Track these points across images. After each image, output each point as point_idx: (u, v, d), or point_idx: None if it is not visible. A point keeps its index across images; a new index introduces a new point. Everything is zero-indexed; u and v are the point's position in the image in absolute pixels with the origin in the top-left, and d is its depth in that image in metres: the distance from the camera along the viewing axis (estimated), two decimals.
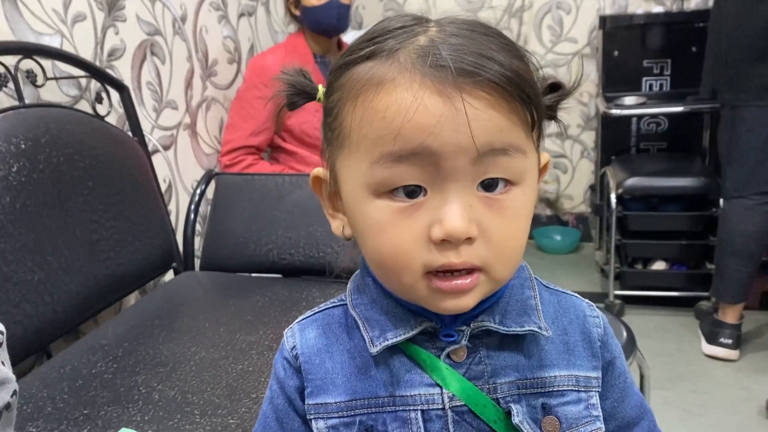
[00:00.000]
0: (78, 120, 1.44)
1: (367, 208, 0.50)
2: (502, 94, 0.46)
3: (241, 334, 1.29)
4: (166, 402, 1.07)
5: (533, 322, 0.55)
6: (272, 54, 2.15)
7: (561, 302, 0.59)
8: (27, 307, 1.17)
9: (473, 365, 0.54)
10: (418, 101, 0.46)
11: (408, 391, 0.54)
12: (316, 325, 0.59)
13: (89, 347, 1.27)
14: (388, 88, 0.47)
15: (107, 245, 1.40)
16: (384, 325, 0.54)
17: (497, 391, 0.54)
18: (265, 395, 0.62)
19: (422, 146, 0.46)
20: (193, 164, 2.06)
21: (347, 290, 0.59)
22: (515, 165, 0.48)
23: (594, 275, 2.88)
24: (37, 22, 1.43)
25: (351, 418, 0.55)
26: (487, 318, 0.54)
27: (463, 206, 0.47)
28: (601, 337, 0.59)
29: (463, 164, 0.47)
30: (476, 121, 0.45)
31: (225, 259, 1.70)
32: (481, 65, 0.46)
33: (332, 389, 0.56)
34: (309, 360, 0.57)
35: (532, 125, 0.49)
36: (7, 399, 0.66)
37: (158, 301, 1.49)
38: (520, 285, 0.57)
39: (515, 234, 0.50)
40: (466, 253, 0.48)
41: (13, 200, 1.18)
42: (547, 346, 0.56)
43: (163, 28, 1.87)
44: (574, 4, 2.99)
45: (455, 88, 0.45)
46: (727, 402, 1.95)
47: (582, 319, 0.59)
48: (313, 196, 0.60)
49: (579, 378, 0.56)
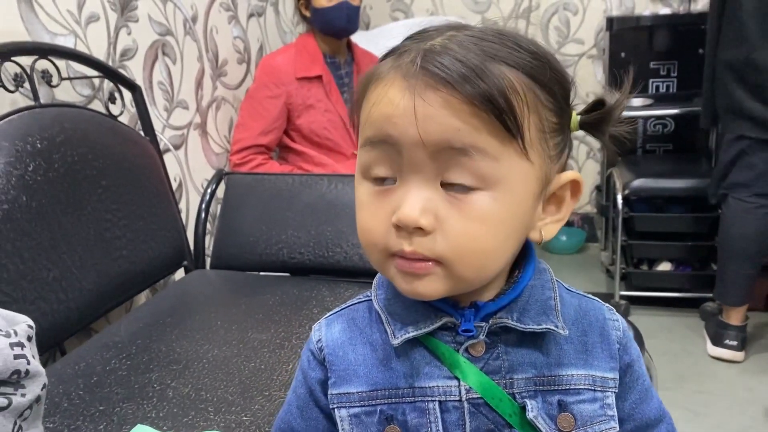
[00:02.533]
0: (92, 120, 1.46)
1: (358, 188, 0.55)
2: (464, 99, 0.48)
3: (252, 333, 1.31)
4: (180, 399, 1.09)
5: (551, 321, 0.57)
6: (282, 54, 2.16)
7: (582, 305, 0.61)
8: (42, 304, 1.19)
9: (491, 360, 0.56)
10: (388, 94, 0.50)
11: (427, 382, 0.56)
12: (342, 320, 0.62)
13: (103, 344, 1.28)
14: (379, 83, 0.52)
15: (120, 243, 1.42)
16: (405, 319, 0.57)
17: (513, 386, 0.56)
18: (291, 385, 0.65)
19: (386, 134, 0.50)
20: (203, 163, 2.07)
21: (372, 286, 0.62)
22: (479, 168, 0.49)
23: (599, 276, 2.89)
24: (51, 22, 1.45)
25: (372, 408, 0.57)
26: (505, 315, 0.56)
27: (419, 197, 0.50)
28: (620, 340, 0.60)
29: (422, 158, 0.50)
30: (430, 118, 0.48)
31: (235, 258, 1.71)
32: (453, 71, 0.48)
33: (355, 380, 0.58)
34: (333, 352, 0.60)
35: (513, 135, 0.49)
36: (38, 392, 0.69)
37: (170, 299, 1.51)
38: (541, 286, 0.59)
39: (476, 235, 0.50)
40: (417, 243, 0.50)
41: (29, 199, 1.20)
42: (565, 346, 0.58)
43: (174, 28, 1.89)
44: (581, 5, 3.00)
45: (419, 87, 0.49)
46: (731, 402, 1.96)
47: (602, 322, 0.61)
48: (323, 195, 0.64)
49: (596, 378, 0.58)
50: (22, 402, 0.67)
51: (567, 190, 0.57)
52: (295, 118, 2.13)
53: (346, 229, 1.63)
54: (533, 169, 0.52)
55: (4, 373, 0.65)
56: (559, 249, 3.16)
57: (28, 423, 0.69)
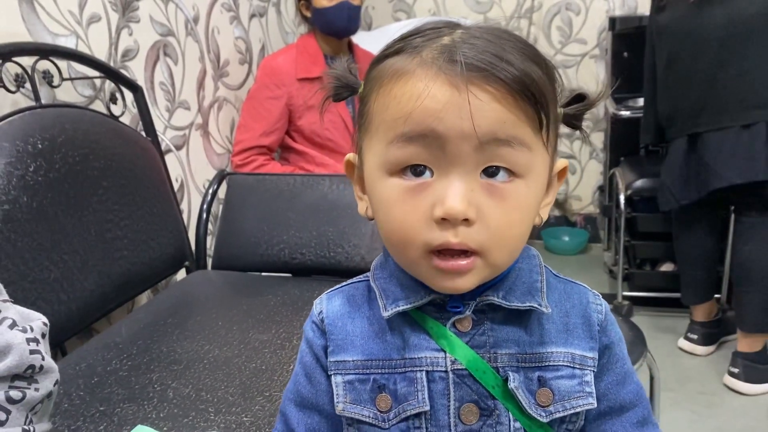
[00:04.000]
0: (93, 120, 1.46)
1: (382, 185, 0.55)
2: (509, 91, 0.50)
3: (253, 333, 1.31)
4: (180, 400, 1.08)
5: (535, 300, 0.59)
6: (283, 55, 2.16)
7: (567, 289, 0.64)
8: (43, 305, 1.19)
9: (477, 335, 0.59)
10: (429, 89, 0.51)
11: (416, 354, 0.59)
12: (342, 296, 0.65)
13: (103, 345, 1.28)
14: (406, 79, 0.52)
15: (121, 244, 1.42)
16: (398, 295, 0.60)
17: (497, 360, 0.59)
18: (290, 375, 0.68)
19: (429, 129, 0.51)
20: (204, 164, 2.07)
21: (371, 266, 0.65)
22: (519, 158, 0.52)
23: (602, 276, 2.89)
24: (53, 23, 1.45)
25: (366, 376, 0.61)
26: (492, 294, 0.59)
27: (464, 189, 0.51)
28: (601, 323, 0.63)
29: (467, 150, 0.51)
30: (480, 111, 0.50)
31: (237, 258, 1.71)
32: (493, 64, 0.50)
33: (351, 349, 0.62)
34: (333, 323, 0.63)
35: (540, 125, 0.52)
36: (50, 387, 0.71)
37: (171, 300, 1.51)
38: (529, 270, 0.61)
39: (513, 222, 0.53)
40: (463, 235, 0.52)
41: (30, 199, 1.20)
42: (547, 325, 0.61)
43: (175, 28, 1.89)
44: (584, 5, 2.99)
45: (463, 81, 0.50)
46: (735, 404, 1.95)
47: (585, 305, 0.63)
48: (325, 196, 0.65)
49: (575, 356, 0.61)
50: (35, 396, 0.69)
51: (556, 176, 0.61)
52: (296, 119, 2.13)
53: (348, 229, 1.63)
54: (548, 158, 0.56)
55: (20, 367, 0.68)
56: (561, 249, 3.16)
57: (38, 417, 0.71)
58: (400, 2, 3.22)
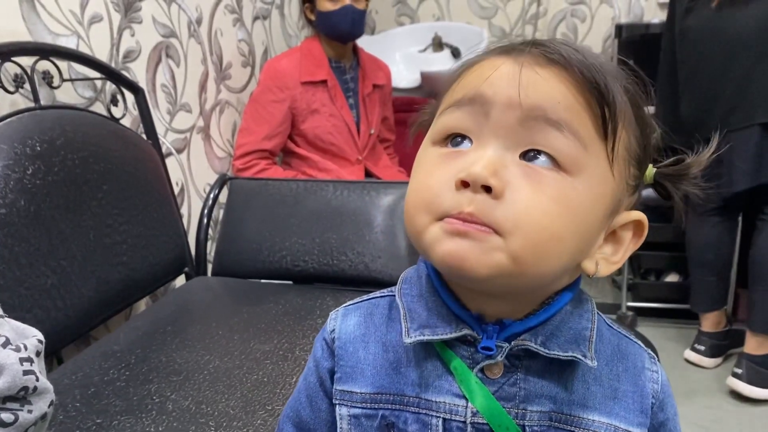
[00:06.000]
0: (93, 122, 1.42)
1: (423, 154, 0.52)
2: (575, 77, 0.48)
3: (255, 343, 1.27)
4: (180, 413, 1.05)
5: (579, 350, 0.52)
6: (287, 57, 2.13)
7: (621, 345, 0.56)
8: (39, 312, 1.15)
9: (507, 386, 0.52)
10: (493, 63, 0.50)
11: (435, 396, 0.53)
12: (360, 313, 0.59)
13: (101, 353, 1.25)
14: (477, 64, 0.52)
15: (120, 249, 1.38)
16: (424, 321, 0.53)
17: (525, 418, 0.52)
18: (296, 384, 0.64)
19: (479, 93, 0.49)
20: (206, 168, 2.04)
21: (399, 279, 0.59)
22: (567, 146, 0.47)
23: (606, 286, 2.85)
24: (53, 22, 1.41)
25: (374, 411, 0.55)
26: (529, 338, 0.51)
27: (495, 159, 0.47)
28: (657, 395, 0.56)
29: (511, 122, 0.47)
30: (534, 85, 0.47)
31: (237, 265, 1.68)
32: (565, 53, 0.48)
33: (360, 379, 0.56)
34: (343, 346, 0.58)
35: (605, 128, 0.48)
36: (45, 409, 0.67)
37: (170, 307, 1.47)
38: (579, 315, 0.54)
39: (546, 211, 0.46)
40: (479, 203, 0.46)
41: (28, 203, 1.17)
42: (593, 387, 0.53)
43: (178, 30, 1.86)
44: (589, 12, 2.97)
45: (529, 59, 0.49)
46: (741, 417, 1.92)
47: (639, 370, 0.56)
48: (328, 202, 0.61)
49: (619, 430, 0.53)
50: (28, 418, 0.66)
51: (629, 230, 0.54)
52: (299, 123, 2.10)
53: (352, 236, 1.59)
54: (613, 183, 0.50)
55: (13, 389, 0.64)
56: None
57: None
58: (404, 6, 3.20)
